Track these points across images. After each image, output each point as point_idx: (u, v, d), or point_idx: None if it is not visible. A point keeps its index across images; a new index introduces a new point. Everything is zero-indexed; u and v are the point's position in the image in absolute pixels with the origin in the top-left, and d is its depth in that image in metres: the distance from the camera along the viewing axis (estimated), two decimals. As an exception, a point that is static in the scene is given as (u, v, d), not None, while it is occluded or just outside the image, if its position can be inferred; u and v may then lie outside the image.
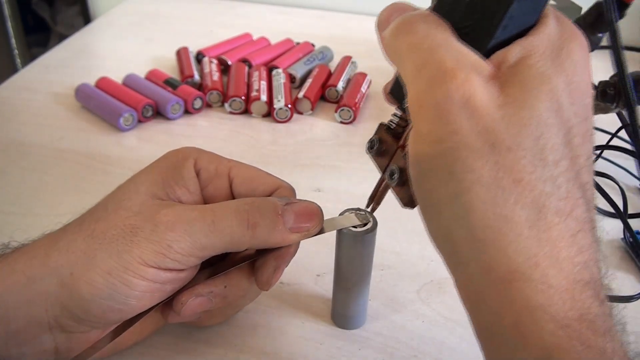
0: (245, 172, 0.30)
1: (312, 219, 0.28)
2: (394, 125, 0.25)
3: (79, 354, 0.26)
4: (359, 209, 0.29)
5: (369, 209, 0.29)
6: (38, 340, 0.26)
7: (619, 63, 0.21)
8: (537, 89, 0.20)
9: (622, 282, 0.36)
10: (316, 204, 0.28)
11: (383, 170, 0.26)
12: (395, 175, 0.24)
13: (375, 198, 0.28)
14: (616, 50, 0.21)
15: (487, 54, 0.21)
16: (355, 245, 0.29)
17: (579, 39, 0.22)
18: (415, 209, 0.37)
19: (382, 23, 0.24)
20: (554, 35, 0.21)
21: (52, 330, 0.26)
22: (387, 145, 0.26)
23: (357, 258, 0.30)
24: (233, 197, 0.30)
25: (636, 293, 0.35)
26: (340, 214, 0.29)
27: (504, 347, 0.20)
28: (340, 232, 0.29)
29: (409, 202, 0.25)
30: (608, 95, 0.41)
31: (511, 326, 0.19)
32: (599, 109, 0.43)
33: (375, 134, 0.26)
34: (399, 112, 0.25)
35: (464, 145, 0.19)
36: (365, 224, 0.29)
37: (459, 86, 0.19)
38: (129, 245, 0.25)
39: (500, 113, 0.20)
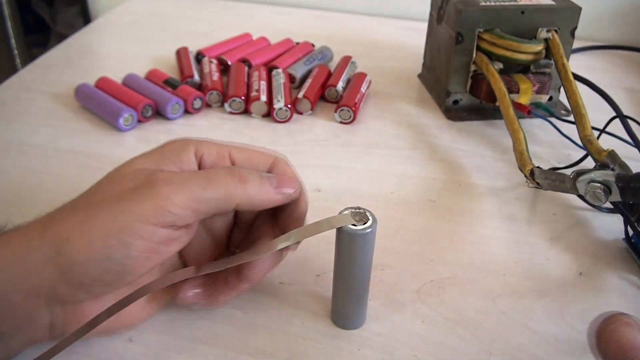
0: (244, 152, 0.32)
1: (292, 184, 0.31)
2: None
3: (77, 330, 0.27)
4: (358, 208, 0.30)
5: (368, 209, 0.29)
6: (34, 315, 0.27)
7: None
8: None
9: (621, 282, 0.36)
10: (293, 172, 0.32)
11: None
12: None
13: None
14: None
15: None
16: (355, 244, 0.29)
17: None
18: (418, 207, 0.37)
19: None
20: None
21: (48, 302, 0.27)
22: None
23: (356, 257, 0.30)
24: None
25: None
26: (339, 213, 0.29)
27: None
28: (339, 231, 0.29)
29: None
30: None
31: None
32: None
33: None
34: None
35: None
36: (364, 222, 0.29)
37: None
38: (128, 204, 0.26)
39: None
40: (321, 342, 0.31)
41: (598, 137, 0.45)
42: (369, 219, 0.29)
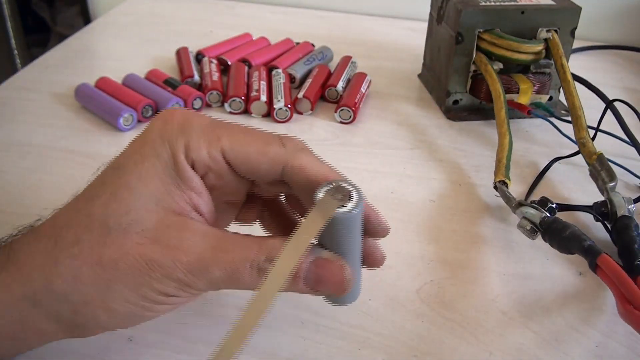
0: (240, 149, 0.26)
1: (333, 279, 0.25)
2: None
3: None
4: (329, 183, 0.25)
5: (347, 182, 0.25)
6: (45, 338, 0.27)
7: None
8: None
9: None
10: (345, 268, 0.25)
11: None
12: None
13: None
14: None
15: None
16: (349, 226, 0.25)
17: None
18: (418, 207, 0.37)
19: None
20: None
21: (57, 334, 0.26)
22: None
23: (352, 237, 0.25)
24: (238, 175, 0.27)
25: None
26: (318, 198, 0.24)
27: None
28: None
29: None
30: None
31: None
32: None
33: None
34: None
35: None
36: (349, 198, 0.24)
37: None
38: (147, 279, 0.24)
39: None
40: (321, 342, 0.31)
41: (593, 138, 0.45)
42: (350, 191, 0.24)
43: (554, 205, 0.38)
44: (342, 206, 0.24)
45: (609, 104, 0.48)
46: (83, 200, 0.26)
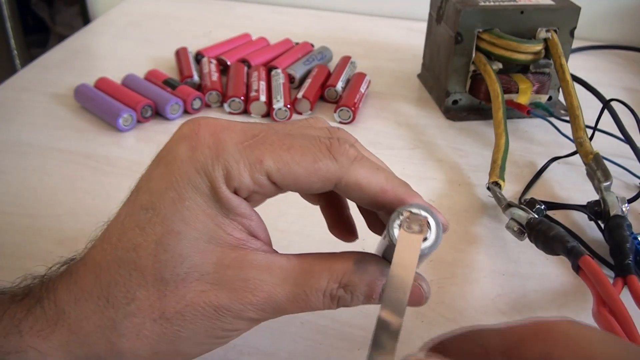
0: (287, 170, 0.23)
1: (413, 304, 0.25)
2: None
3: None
4: (400, 213, 0.22)
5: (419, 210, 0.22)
6: None
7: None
8: None
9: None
10: (422, 287, 0.25)
11: None
12: None
13: None
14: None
15: None
16: (430, 254, 0.22)
17: None
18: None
19: None
20: None
21: None
22: None
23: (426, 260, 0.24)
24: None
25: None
26: (395, 236, 0.22)
27: None
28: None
29: None
30: None
31: None
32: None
33: None
34: None
35: None
36: (425, 224, 0.22)
37: None
38: (218, 323, 0.24)
39: None
40: (321, 342, 0.31)
41: (591, 138, 0.45)
42: (426, 219, 0.22)
43: (542, 207, 0.39)
44: (425, 238, 0.22)
45: (606, 104, 0.48)
46: (123, 250, 0.23)
